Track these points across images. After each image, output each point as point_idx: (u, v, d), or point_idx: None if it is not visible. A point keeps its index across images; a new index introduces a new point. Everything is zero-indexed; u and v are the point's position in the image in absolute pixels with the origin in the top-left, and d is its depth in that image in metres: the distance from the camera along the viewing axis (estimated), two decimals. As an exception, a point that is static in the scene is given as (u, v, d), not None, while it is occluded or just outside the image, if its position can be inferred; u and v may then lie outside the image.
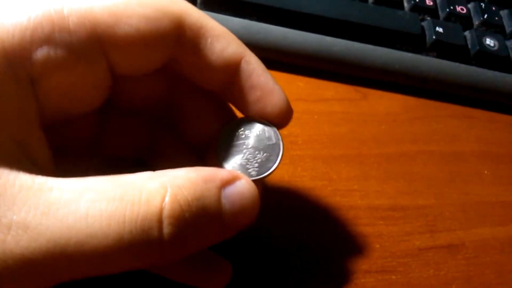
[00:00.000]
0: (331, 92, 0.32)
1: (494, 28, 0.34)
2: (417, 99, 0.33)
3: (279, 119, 0.20)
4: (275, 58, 0.31)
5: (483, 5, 0.35)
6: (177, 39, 0.17)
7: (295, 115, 0.21)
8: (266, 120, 0.20)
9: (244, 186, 0.17)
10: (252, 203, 0.17)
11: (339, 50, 0.31)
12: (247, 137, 0.20)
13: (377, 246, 0.26)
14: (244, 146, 0.19)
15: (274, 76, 0.31)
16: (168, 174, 0.15)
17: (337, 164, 0.28)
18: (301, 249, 0.25)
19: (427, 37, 0.32)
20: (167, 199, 0.14)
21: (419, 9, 0.33)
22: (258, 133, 0.20)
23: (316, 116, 0.30)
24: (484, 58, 0.32)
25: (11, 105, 0.14)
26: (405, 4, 0.34)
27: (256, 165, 0.19)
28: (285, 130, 0.29)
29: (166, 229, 0.14)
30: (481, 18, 0.34)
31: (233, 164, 0.19)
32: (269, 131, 0.20)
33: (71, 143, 0.20)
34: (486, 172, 0.31)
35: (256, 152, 0.19)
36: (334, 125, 0.30)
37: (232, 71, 0.19)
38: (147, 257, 0.14)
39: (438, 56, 0.33)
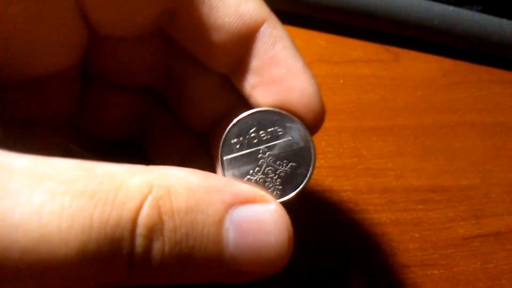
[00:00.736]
0: (358, 52, 0.27)
1: (549, -23, 0.29)
2: (457, 61, 0.28)
3: (307, 113, 0.14)
4: (292, 11, 0.26)
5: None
6: None
7: (316, 79, 0.16)
8: (289, 113, 0.14)
9: (268, 214, 0.11)
10: (278, 244, 0.11)
11: (368, 2, 0.26)
12: (263, 140, 0.14)
13: (416, 235, 0.22)
14: (261, 154, 0.14)
15: (290, 33, 0.26)
16: (160, 171, 0.11)
17: (368, 137, 0.24)
18: (328, 239, 0.21)
19: (472, -13, 0.27)
20: (147, 202, 0.10)
21: (463, -47, 0.28)
22: (279, 134, 0.14)
23: (341, 81, 0.25)
24: (538, 12, 0.28)
25: None
26: None
27: (278, 181, 0.14)
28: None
29: (138, 241, 0.10)
30: (534, -35, 0.29)
31: (244, 180, 0.13)
32: (295, 129, 0.14)
33: (44, 114, 0.15)
34: (534, 146, 0.27)
35: (278, 163, 0.14)
36: (362, 91, 0.25)
37: (249, 36, 0.13)
38: (113, 276, 0.10)
39: (483, 11, 0.28)
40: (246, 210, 0.11)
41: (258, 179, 0.14)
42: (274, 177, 0.14)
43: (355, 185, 0.22)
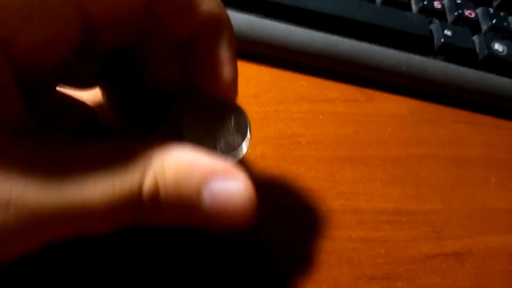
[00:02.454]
0: (335, 93, 0.31)
1: (502, 33, 0.33)
2: (424, 102, 0.32)
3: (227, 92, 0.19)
4: (279, 56, 0.31)
5: (492, 10, 0.34)
6: None
7: (298, 115, 0.20)
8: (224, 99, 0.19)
9: (235, 187, 0.16)
10: (241, 208, 0.16)
11: (345, 50, 0.31)
12: (214, 120, 0.19)
13: (383, 251, 0.25)
14: (217, 124, 0.19)
15: (277, 75, 0.31)
16: (157, 149, 0.16)
17: (342, 165, 0.27)
18: (303, 253, 0.24)
19: (435, 40, 0.32)
20: (148, 172, 0.15)
21: (428, 11, 0.33)
22: (231, 114, 0.19)
23: (320, 117, 0.29)
24: (493, 63, 0.32)
25: None
26: (413, 6, 0.33)
27: (224, 148, 0.18)
28: (288, 130, 0.28)
29: (144, 195, 0.15)
30: (490, 23, 0.33)
31: (200, 144, 0.18)
32: (236, 115, 0.19)
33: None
34: (493, 178, 0.30)
35: (227, 133, 0.19)
36: (338, 126, 0.29)
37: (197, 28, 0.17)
38: (130, 217, 0.15)
39: (446, 60, 0.32)
40: (218, 183, 0.16)
41: (210, 146, 0.18)
42: (222, 143, 0.18)
43: (330, 206, 0.26)
